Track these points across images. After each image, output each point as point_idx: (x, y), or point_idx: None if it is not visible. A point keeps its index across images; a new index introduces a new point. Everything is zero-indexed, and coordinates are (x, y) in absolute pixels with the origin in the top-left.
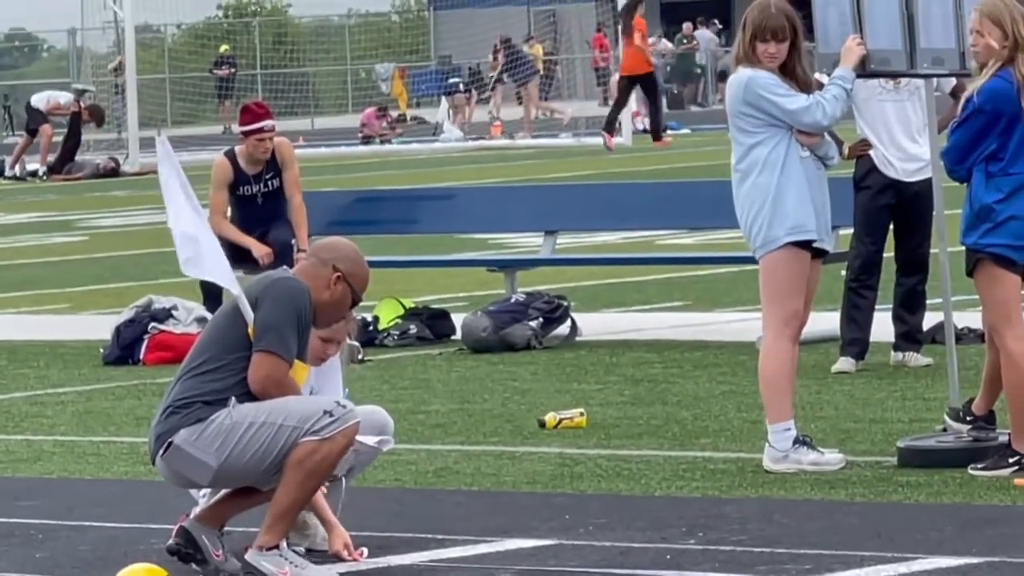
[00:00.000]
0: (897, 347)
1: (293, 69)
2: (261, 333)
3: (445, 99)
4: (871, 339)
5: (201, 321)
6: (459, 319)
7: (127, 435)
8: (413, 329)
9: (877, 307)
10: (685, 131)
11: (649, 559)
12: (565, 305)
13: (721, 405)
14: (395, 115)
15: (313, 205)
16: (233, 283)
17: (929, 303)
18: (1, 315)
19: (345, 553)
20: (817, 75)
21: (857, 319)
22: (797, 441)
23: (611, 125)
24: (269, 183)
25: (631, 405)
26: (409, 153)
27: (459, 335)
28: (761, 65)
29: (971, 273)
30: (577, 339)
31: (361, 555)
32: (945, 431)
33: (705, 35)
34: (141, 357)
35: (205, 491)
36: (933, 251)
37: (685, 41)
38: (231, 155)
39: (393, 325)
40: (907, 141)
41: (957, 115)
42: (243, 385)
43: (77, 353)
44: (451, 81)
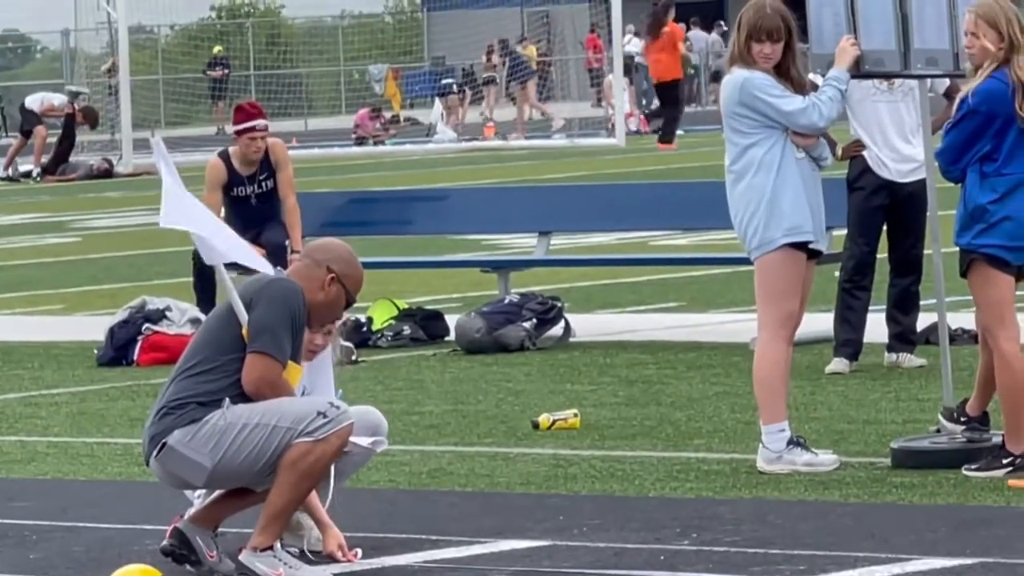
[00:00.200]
0: (891, 348)
1: (286, 70)
2: (255, 334)
3: (438, 100)
4: (865, 340)
5: (195, 322)
6: (453, 320)
7: (121, 436)
8: (407, 330)
9: (871, 308)
10: (679, 132)
11: (643, 560)
12: (559, 306)
13: (715, 406)
14: (388, 116)
15: (307, 206)
16: (261, 262)
17: (923, 304)
18: None
19: (339, 554)
20: (811, 76)
21: (851, 320)
22: (791, 442)
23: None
24: (263, 184)
25: (625, 406)
26: (403, 154)
27: (453, 336)
28: (756, 65)
29: (965, 274)
30: (571, 340)
31: (355, 556)
32: (939, 432)
33: (699, 36)
34: (135, 358)
35: (199, 492)
36: (927, 252)
37: None
38: (225, 156)
39: (387, 326)
40: (901, 142)
41: (951, 116)
42: (237, 386)
43: (71, 354)
44: (444, 82)
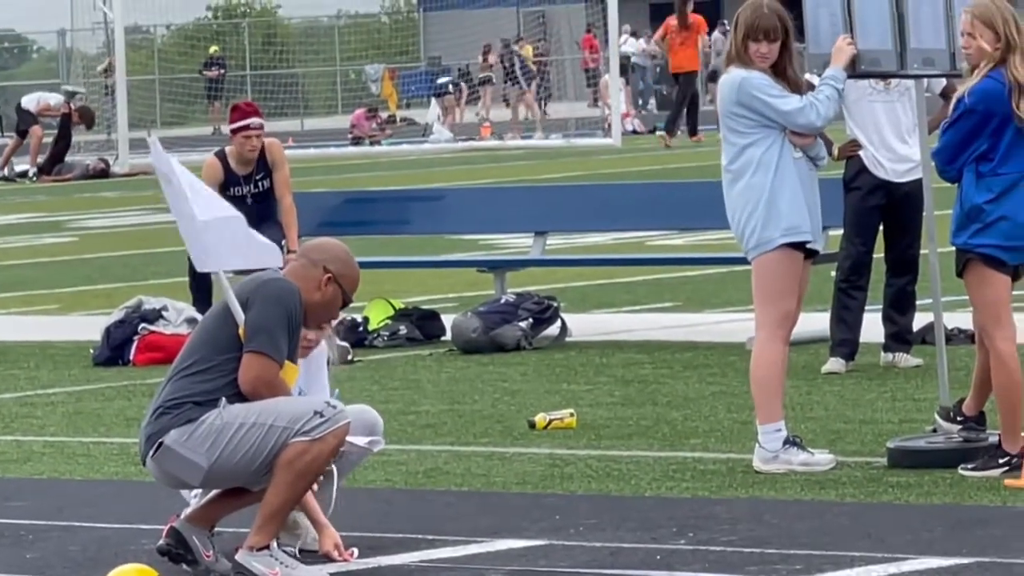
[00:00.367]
0: (887, 348)
1: (283, 70)
2: (252, 334)
3: (435, 100)
4: (861, 340)
5: (191, 322)
6: (449, 320)
7: (117, 436)
8: (403, 330)
9: (867, 308)
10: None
11: (639, 559)
12: (555, 306)
13: (711, 406)
14: (385, 116)
15: (303, 206)
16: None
17: (919, 304)
18: None
19: (335, 553)
20: (807, 76)
21: (847, 320)
22: (787, 442)
23: (676, 125)
24: (259, 184)
25: (621, 406)
26: (399, 154)
27: (449, 336)
28: (753, 65)
29: (961, 274)
30: (567, 340)
31: (351, 555)
32: (935, 432)
33: None
34: (131, 358)
35: (196, 492)
36: (923, 252)
37: None
38: (222, 156)
39: (383, 326)
40: (897, 142)
41: (948, 116)
42: (233, 386)
43: (67, 354)
44: (440, 82)
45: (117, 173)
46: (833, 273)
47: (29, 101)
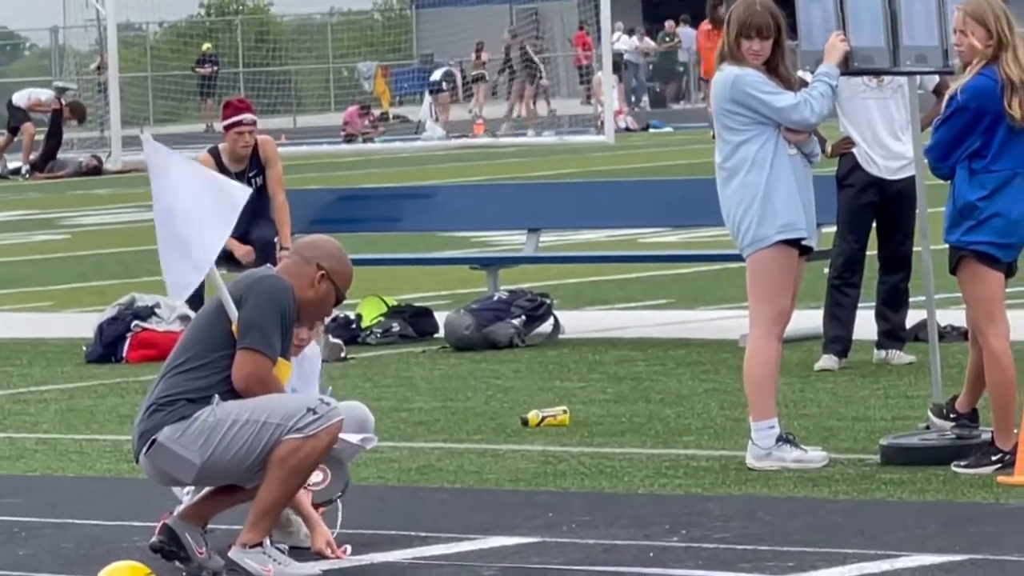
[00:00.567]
0: (880, 345)
1: (275, 67)
2: (245, 331)
3: (428, 97)
4: (854, 337)
5: (184, 319)
6: (442, 317)
7: (110, 433)
8: (396, 327)
9: (860, 305)
10: (667, 129)
11: (632, 557)
12: (548, 303)
13: (704, 403)
14: (377, 113)
15: (296, 203)
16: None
17: (912, 301)
18: None
19: (328, 551)
20: (800, 73)
21: (840, 317)
22: (780, 439)
23: None
24: (252, 181)
25: (614, 403)
26: (392, 151)
27: (442, 333)
28: (745, 62)
29: (954, 271)
30: (560, 337)
31: (344, 552)
32: (928, 429)
33: (688, 33)
34: (124, 355)
35: (188, 489)
36: (916, 249)
37: (668, 39)
38: (215, 152)
39: (376, 323)
40: (890, 139)
41: (940, 113)
42: (227, 383)
43: (60, 351)
44: (433, 79)
45: (110, 170)
46: (826, 270)
47: (20, 97)
